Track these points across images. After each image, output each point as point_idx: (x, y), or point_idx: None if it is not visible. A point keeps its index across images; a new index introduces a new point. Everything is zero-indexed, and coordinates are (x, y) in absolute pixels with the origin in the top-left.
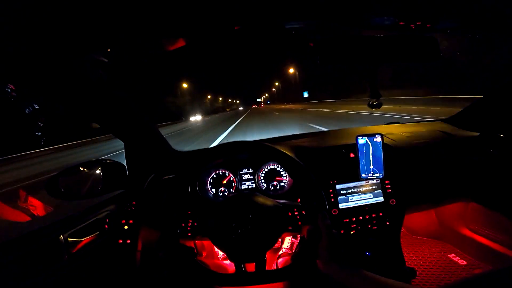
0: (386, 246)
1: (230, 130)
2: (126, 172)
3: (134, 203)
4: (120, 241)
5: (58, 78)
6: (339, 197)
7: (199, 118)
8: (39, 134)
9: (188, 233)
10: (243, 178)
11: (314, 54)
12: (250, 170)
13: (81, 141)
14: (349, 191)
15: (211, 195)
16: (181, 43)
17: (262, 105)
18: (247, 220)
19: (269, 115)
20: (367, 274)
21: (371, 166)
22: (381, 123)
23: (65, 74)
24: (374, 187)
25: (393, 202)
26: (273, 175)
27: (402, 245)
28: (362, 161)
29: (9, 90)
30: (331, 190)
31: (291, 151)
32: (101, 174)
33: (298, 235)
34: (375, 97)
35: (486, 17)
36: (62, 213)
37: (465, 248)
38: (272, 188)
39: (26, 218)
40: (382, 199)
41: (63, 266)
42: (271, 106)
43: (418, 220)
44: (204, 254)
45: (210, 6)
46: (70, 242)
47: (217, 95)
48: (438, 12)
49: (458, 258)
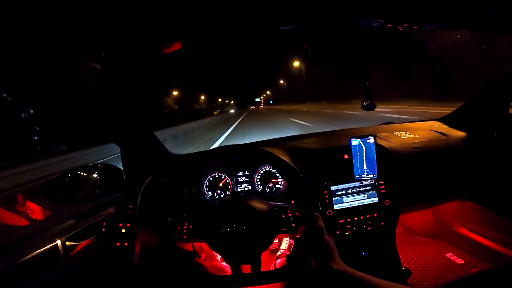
0: (381, 247)
1: None
2: (123, 175)
3: (131, 207)
4: (117, 244)
5: (53, 83)
6: (334, 198)
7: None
8: (36, 138)
9: (184, 235)
10: (239, 180)
11: (308, 56)
12: (246, 172)
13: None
14: (343, 192)
15: (208, 198)
16: (177, 46)
17: (261, 105)
18: (242, 222)
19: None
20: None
21: (365, 167)
22: (375, 124)
23: (59, 79)
24: (369, 188)
25: (387, 202)
26: (268, 177)
27: (399, 244)
28: (355, 162)
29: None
30: (326, 192)
31: (285, 153)
32: (98, 178)
33: (296, 237)
34: (368, 98)
35: (473, 17)
36: (60, 216)
37: (462, 247)
38: (268, 190)
39: (24, 222)
40: (376, 200)
41: (61, 269)
42: (274, 107)
43: (415, 219)
44: (202, 256)
45: (205, 9)
46: (67, 246)
47: (200, 94)
48: (424, 13)
49: (455, 257)
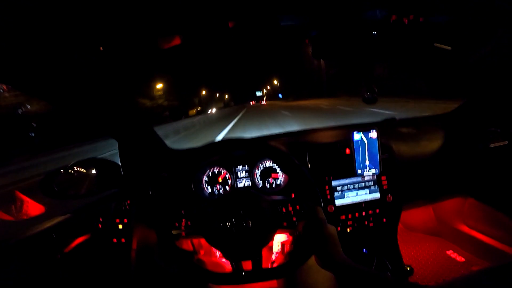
0: (383, 243)
1: None
2: (121, 171)
3: (128, 202)
4: (114, 240)
5: (50, 76)
6: (335, 193)
7: None
8: (33, 134)
9: (182, 232)
10: (239, 175)
11: (310, 49)
12: (246, 167)
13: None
14: (345, 188)
15: (207, 193)
16: (176, 41)
17: (264, 101)
18: (241, 217)
19: None
20: (363, 269)
21: (367, 162)
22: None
23: (56, 72)
24: (371, 183)
25: (389, 198)
26: (269, 172)
27: (399, 241)
28: (358, 157)
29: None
30: (327, 187)
31: (286, 148)
32: (95, 173)
33: (289, 235)
34: (370, 91)
35: (480, 11)
36: (56, 212)
37: (462, 244)
38: (268, 185)
39: (19, 218)
40: (378, 196)
41: (56, 265)
42: (286, 103)
43: (415, 216)
44: (201, 253)
45: (205, 3)
46: (62, 242)
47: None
48: (431, 6)
49: (456, 254)
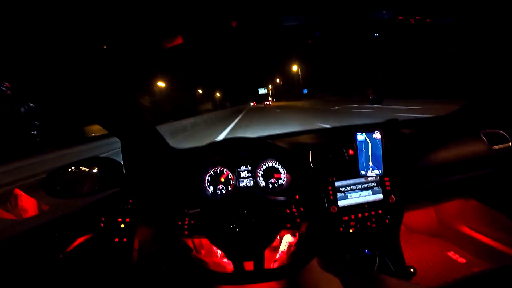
0: (385, 244)
1: None
2: (123, 170)
3: (130, 201)
4: (116, 239)
5: (54, 75)
6: (338, 194)
7: None
8: (35, 133)
9: (185, 231)
10: (241, 175)
11: (313, 51)
12: (249, 167)
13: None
14: (348, 188)
15: (209, 193)
16: (179, 41)
17: (269, 102)
18: (245, 218)
19: None
20: (367, 272)
21: (370, 163)
22: (379, 120)
23: (61, 71)
24: (374, 184)
25: (392, 199)
26: (271, 172)
27: (401, 242)
28: (361, 157)
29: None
30: (330, 187)
31: (290, 148)
32: (97, 172)
33: (297, 234)
34: (376, 92)
35: (487, 12)
36: (58, 211)
37: (464, 246)
38: (270, 185)
39: (21, 217)
40: (381, 197)
41: (58, 264)
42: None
43: (417, 217)
44: (202, 252)
45: (208, 2)
46: (65, 241)
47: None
48: (437, 7)
49: (457, 256)
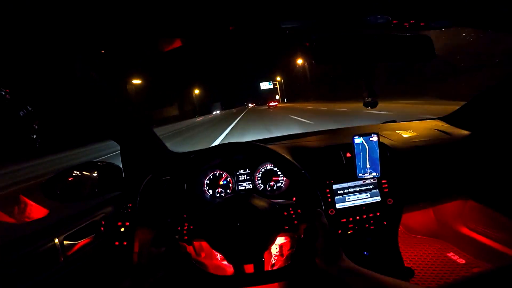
0: (384, 246)
1: None
2: (122, 174)
3: (130, 205)
4: (116, 243)
5: (53, 79)
6: (336, 197)
7: None
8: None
9: (184, 236)
10: (240, 179)
11: (310, 53)
12: (247, 170)
13: None
14: (346, 191)
15: (208, 197)
16: (177, 44)
17: (275, 102)
18: (244, 221)
19: None
20: (366, 272)
21: (368, 166)
22: (377, 122)
23: (59, 75)
24: (371, 187)
25: (390, 201)
26: (270, 176)
27: (400, 244)
28: (358, 160)
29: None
30: (328, 190)
31: (287, 152)
32: (97, 176)
33: (288, 237)
34: (371, 96)
35: (480, 14)
36: (58, 215)
37: (463, 246)
38: (269, 188)
39: (21, 221)
40: (379, 199)
41: (59, 269)
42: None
43: (416, 218)
44: (202, 255)
45: (206, 6)
46: (65, 245)
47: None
48: (432, 10)
49: (456, 256)
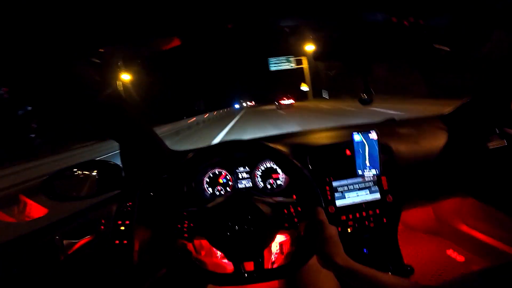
0: (383, 243)
1: None
2: (122, 172)
3: (130, 204)
4: (116, 242)
5: (50, 78)
6: (336, 194)
7: None
8: (33, 136)
9: (185, 234)
10: (240, 176)
11: (309, 51)
12: (247, 168)
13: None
14: (345, 188)
15: (208, 195)
16: (176, 43)
17: (289, 99)
18: (243, 219)
19: None
20: (366, 269)
21: (367, 163)
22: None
23: (57, 74)
24: (371, 184)
25: (389, 199)
26: (270, 173)
27: (399, 241)
28: (358, 158)
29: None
30: (328, 188)
31: (287, 149)
32: (96, 175)
33: (288, 235)
34: (367, 93)
35: (481, 13)
36: (58, 214)
37: (463, 244)
38: (269, 186)
39: (21, 220)
40: (379, 196)
41: (59, 267)
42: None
43: (415, 215)
44: (202, 253)
45: (205, 4)
46: (65, 244)
47: None
48: (431, 8)
49: (456, 254)
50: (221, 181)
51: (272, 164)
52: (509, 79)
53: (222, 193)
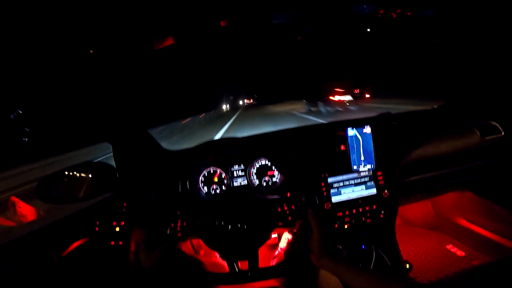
0: (381, 239)
1: None
2: (116, 174)
3: (125, 205)
4: (112, 243)
5: (43, 79)
6: (331, 190)
7: None
8: (26, 139)
9: (178, 233)
10: (235, 174)
11: (302, 47)
12: (242, 166)
13: None
14: (341, 184)
15: (203, 194)
16: (169, 42)
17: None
18: (237, 217)
19: None
20: (361, 267)
21: (362, 158)
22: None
23: (49, 75)
24: (367, 179)
25: (386, 194)
26: (264, 171)
27: (398, 236)
28: (353, 153)
29: None
30: (323, 184)
31: (281, 146)
32: (91, 176)
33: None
34: (358, 87)
35: (469, 5)
36: (53, 217)
37: (462, 238)
38: (264, 184)
39: (16, 223)
40: (375, 191)
41: (53, 269)
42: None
43: (414, 210)
44: (201, 253)
45: (197, 1)
46: (60, 246)
47: None
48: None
49: (456, 249)
50: (216, 179)
51: (266, 161)
52: (503, 72)
53: (218, 191)
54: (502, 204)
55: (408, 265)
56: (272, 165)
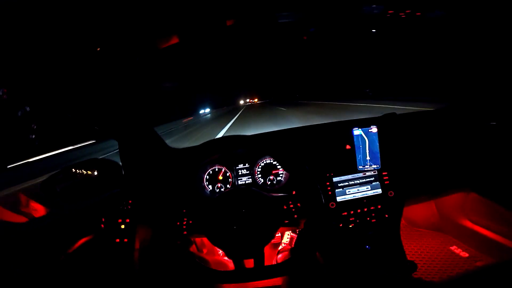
0: (386, 239)
1: None
2: (122, 171)
3: (130, 202)
4: (117, 240)
5: (50, 77)
6: (336, 190)
7: None
8: (33, 136)
9: (184, 231)
10: (240, 173)
11: (308, 47)
12: (247, 165)
13: None
14: (346, 184)
15: (208, 192)
16: (174, 40)
17: None
18: (242, 216)
19: None
20: (367, 267)
21: (368, 158)
22: (377, 114)
23: (57, 73)
24: (372, 179)
25: (391, 194)
26: (269, 169)
27: (402, 237)
28: (358, 153)
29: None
30: (328, 183)
31: (287, 145)
32: (96, 174)
33: (297, 230)
34: (368, 87)
35: (478, 6)
36: (58, 213)
37: (466, 239)
38: (269, 182)
39: (22, 219)
40: (380, 191)
41: (60, 266)
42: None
43: (418, 211)
44: (204, 251)
45: (203, 1)
46: (66, 243)
47: None
48: (428, 0)
49: (459, 250)
50: (220, 178)
51: (272, 160)
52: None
53: (222, 190)
54: (507, 205)
55: (412, 265)
56: (278, 163)
